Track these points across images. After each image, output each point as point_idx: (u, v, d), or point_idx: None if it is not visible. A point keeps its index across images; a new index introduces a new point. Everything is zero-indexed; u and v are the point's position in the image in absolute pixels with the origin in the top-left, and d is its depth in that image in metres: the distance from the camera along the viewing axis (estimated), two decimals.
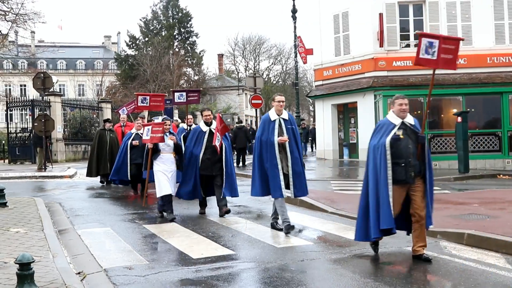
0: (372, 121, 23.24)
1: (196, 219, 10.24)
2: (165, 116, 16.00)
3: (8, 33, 33.37)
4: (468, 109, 21.29)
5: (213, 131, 10.12)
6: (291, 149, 8.64)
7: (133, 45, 58.15)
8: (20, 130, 31.52)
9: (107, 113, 33.10)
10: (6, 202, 10.99)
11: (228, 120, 44.79)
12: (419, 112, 21.35)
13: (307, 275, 6.27)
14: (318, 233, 8.80)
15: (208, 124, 10.39)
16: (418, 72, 23.32)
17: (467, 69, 23.58)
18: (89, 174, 16.62)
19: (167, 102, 17.68)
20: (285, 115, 8.76)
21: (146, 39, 57.57)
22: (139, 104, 13.13)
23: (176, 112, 34.94)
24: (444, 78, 23.16)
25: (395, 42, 24.46)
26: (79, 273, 6.31)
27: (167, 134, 10.59)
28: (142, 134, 12.06)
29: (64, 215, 10.69)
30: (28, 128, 30.08)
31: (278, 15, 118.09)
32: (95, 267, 6.55)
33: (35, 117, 24.70)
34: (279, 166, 8.55)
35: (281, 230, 8.73)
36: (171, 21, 59.30)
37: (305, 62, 32.69)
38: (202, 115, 10.59)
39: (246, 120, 62.46)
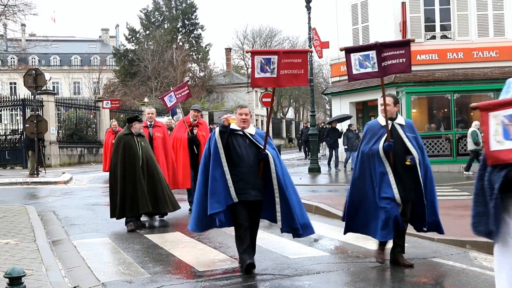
0: None
1: None
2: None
3: None
4: None
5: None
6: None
7: (133, 38, 58.33)
8: (10, 132, 31.75)
9: (105, 113, 33.12)
10: None
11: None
12: (445, 110, 21.25)
13: None
14: (335, 242, 8.79)
15: None
16: (444, 67, 23.24)
17: (499, 63, 23.48)
18: (113, 213, 10.05)
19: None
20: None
21: (147, 32, 57.76)
22: (260, 74, 6.74)
23: (179, 111, 34.83)
24: (474, 73, 23.07)
25: (419, 34, 24.36)
26: (74, 287, 6.34)
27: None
28: (254, 135, 7.03)
29: (59, 224, 10.73)
30: (19, 130, 30.32)
31: (291, 5, 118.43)
32: (92, 281, 6.57)
33: (27, 117, 24.86)
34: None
35: None
36: (174, 12, 59.46)
37: (320, 57, 32.55)
38: None
39: (256, 120, 62.45)
